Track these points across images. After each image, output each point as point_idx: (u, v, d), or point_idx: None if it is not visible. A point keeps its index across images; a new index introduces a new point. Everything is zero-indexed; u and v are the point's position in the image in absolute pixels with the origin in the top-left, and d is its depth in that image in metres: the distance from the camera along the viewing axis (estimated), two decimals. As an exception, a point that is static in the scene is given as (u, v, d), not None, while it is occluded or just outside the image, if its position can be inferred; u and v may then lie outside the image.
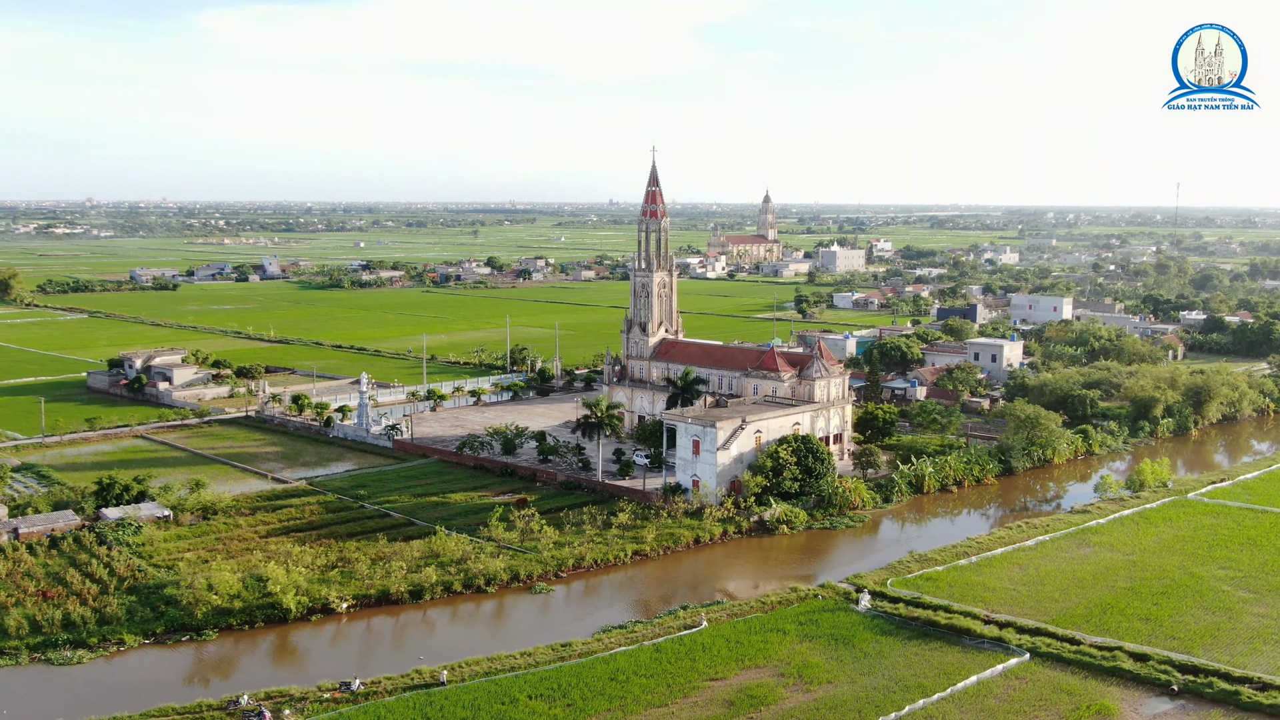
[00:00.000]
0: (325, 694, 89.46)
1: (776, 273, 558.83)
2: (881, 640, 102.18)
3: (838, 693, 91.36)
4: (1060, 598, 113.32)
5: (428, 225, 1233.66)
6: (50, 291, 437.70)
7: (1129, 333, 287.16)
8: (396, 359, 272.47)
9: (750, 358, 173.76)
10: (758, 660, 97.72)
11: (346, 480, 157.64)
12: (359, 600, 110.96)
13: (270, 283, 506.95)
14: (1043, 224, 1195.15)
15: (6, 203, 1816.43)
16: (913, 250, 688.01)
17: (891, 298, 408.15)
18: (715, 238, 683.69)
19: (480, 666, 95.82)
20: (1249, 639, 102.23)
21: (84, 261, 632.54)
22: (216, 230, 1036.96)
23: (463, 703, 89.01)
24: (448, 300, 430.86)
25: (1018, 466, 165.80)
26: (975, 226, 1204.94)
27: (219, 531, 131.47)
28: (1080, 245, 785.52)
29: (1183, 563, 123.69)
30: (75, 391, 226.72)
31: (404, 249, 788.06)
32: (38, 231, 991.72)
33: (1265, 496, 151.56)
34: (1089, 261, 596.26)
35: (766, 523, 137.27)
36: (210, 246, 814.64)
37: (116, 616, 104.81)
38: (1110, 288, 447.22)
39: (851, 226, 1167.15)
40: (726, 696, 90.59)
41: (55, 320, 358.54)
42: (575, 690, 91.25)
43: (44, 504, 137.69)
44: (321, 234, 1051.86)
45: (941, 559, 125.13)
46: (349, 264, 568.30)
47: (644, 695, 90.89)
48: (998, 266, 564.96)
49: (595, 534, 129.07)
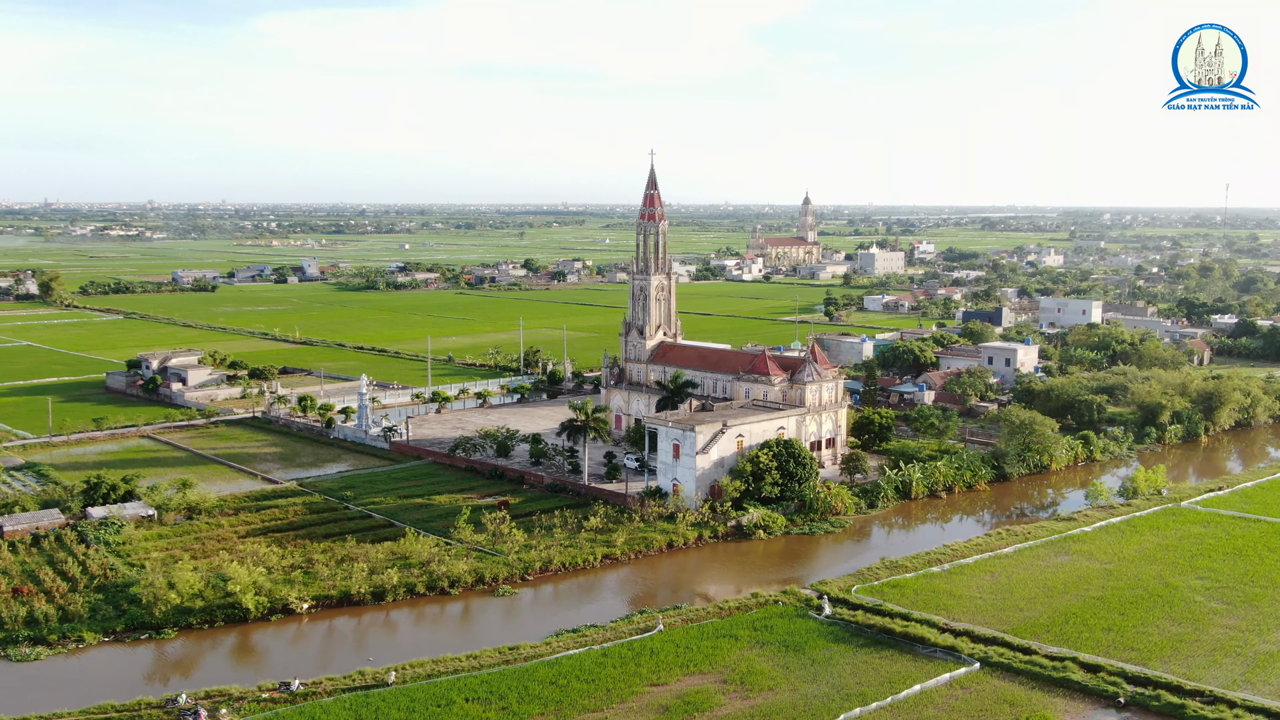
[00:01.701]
0: (264, 694, 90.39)
1: (813, 275, 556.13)
2: (833, 648, 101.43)
3: (777, 700, 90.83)
4: (1026, 606, 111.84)
5: (476, 227, 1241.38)
6: (92, 293, 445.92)
7: (1158, 336, 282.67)
8: (416, 360, 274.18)
9: (743, 362, 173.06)
10: (703, 666, 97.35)
11: (337, 481, 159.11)
12: (320, 601, 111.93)
13: (308, 284, 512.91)
14: (1096, 226, 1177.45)
15: (71, 204, 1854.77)
16: (955, 252, 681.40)
17: (923, 300, 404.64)
18: (754, 240, 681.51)
19: (425, 668, 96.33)
20: (1211, 651, 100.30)
21: (132, 264, 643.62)
22: (267, 232, 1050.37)
23: (399, 705, 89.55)
24: (479, 302, 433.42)
25: (1012, 472, 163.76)
26: (1027, 228, 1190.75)
27: (200, 531, 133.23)
28: (1130, 247, 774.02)
29: (1160, 572, 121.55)
30: (93, 392, 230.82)
31: (447, 251, 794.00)
32: (94, 234, 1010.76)
33: (1261, 505, 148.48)
34: (1135, 264, 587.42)
35: (743, 527, 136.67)
36: (258, 248, 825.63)
37: (79, 614, 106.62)
38: (1149, 290, 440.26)
39: (900, 228, 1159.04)
40: (664, 703, 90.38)
41: (90, 321, 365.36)
42: (514, 694, 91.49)
43: (32, 502, 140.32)
44: (369, 236, 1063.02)
45: (913, 566, 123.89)
46: (387, 266, 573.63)
47: (581, 700, 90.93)
48: (1038, 269, 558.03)
49: (565, 537, 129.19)
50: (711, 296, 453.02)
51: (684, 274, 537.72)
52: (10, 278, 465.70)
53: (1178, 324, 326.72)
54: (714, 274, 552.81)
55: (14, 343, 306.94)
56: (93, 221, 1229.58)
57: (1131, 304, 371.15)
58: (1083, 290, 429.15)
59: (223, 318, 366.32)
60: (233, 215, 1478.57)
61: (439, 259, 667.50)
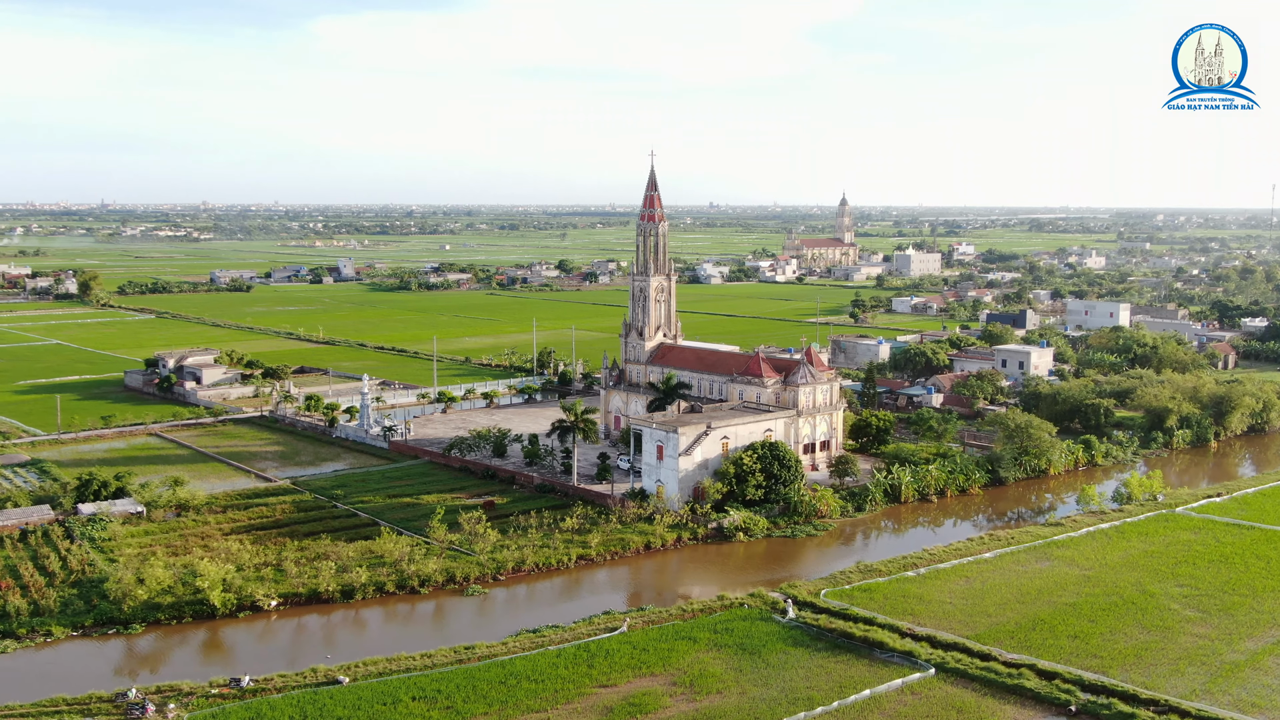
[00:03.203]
0: (213, 690, 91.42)
1: (848, 276, 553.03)
2: (791, 651, 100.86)
3: (723, 703, 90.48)
4: (995, 612, 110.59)
5: (520, 228, 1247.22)
6: (129, 292, 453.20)
7: (1187, 339, 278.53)
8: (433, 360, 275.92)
9: (738, 364, 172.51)
10: (656, 669, 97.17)
11: (331, 480, 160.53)
12: (288, 599, 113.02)
13: (342, 285, 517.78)
14: (1147, 227, 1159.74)
15: (127, 205, 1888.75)
16: (994, 254, 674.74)
17: (952, 303, 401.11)
18: (789, 241, 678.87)
19: (378, 666, 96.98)
20: (1175, 660, 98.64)
21: (176, 264, 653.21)
22: (312, 233, 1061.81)
23: (345, 702, 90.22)
24: (508, 303, 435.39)
25: (1008, 476, 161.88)
26: (1076, 229, 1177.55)
27: (186, 528, 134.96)
28: (1176, 249, 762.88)
29: (1140, 579, 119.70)
30: (111, 390, 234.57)
31: (487, 252, 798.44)
32: (143, 234, 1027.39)
33: (1258, 512, 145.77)
34: (1176, 266, 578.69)
35: (724, 530, 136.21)
36: (301, 249, 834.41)
37: (49, 609, 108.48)
38: (1187, 293, 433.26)
39: (945, 229, 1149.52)
40: (609, 704, 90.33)
41: (123, 320, 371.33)
42: (460, 693, 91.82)
43: (25, 498, 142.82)
44: (412, 236, 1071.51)
45: (887, 570, 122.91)
46: (422, 266, 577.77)
47: (527, 700, 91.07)
48: (1077, 271, 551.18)
49: (540, 538, 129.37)
50: (740, 298, 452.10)
51: (717, 275, 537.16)
52: (51, 277, 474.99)
53: (1208, 327, 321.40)
54: (747, 275, 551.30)
55: (44, 341, 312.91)
56: (145, 222, 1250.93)
57: (1162, 306, 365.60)
58: (1118, 293, 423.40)
59: (251, 317, 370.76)
60: (282, 216, 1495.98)
61: (476, 260, 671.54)
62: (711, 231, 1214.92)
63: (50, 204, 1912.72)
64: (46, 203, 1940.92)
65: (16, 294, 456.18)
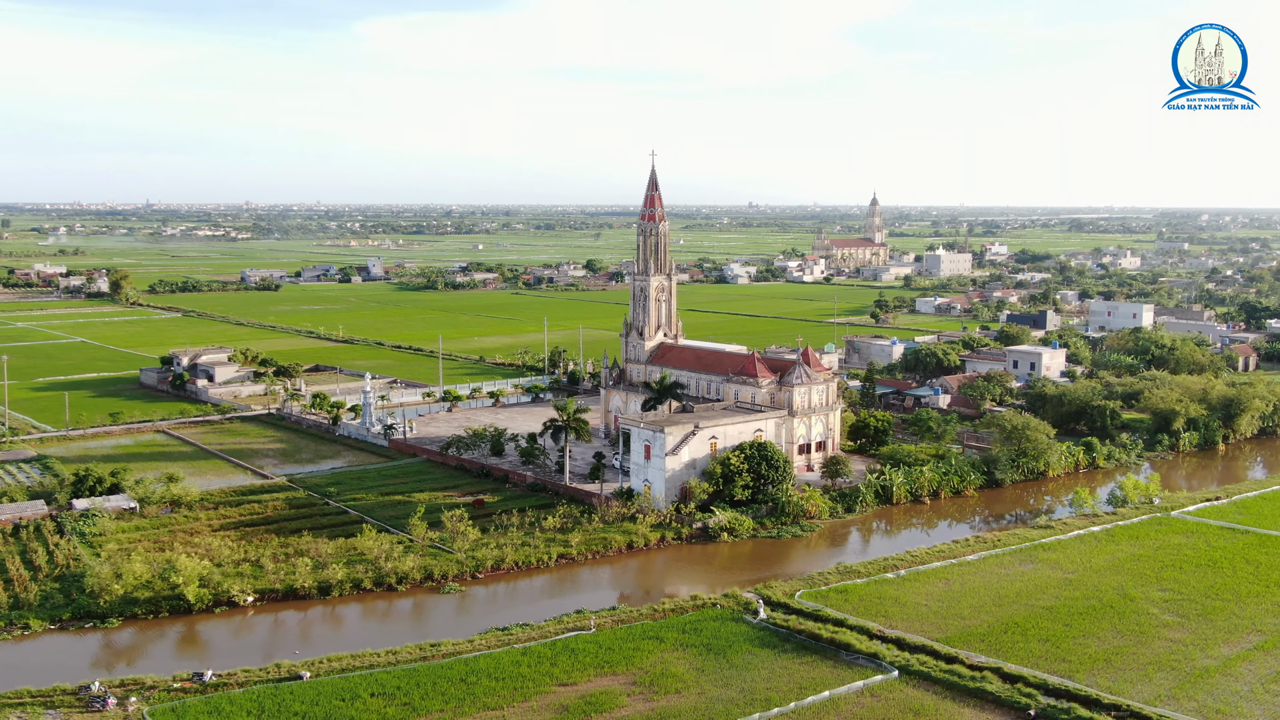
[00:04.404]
0: (175, 684, 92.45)
1: (876, 276, 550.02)
2: (757, 652, 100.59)
3: (680, 703, 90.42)
4: (970, 615, 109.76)
5: (555, 228, 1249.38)
6: (160, 291, 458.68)
7: (1210, 341, 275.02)
8: (448, 359, 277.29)
9: (735, 364, 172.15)
10: (618, 668, 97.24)
11: (327, 478, 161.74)
12: (265, 595, 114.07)
13: (371, 284, 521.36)
14: (1190, 227, 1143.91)
15: (171, 205, 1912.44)
16: (1027, 254, 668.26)
17: (976, 303, 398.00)
18: (819, 241, 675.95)
19: (342, 663, 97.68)
20: (1145, 665, 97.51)
21: (211, 263, 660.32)
22: (349, 233, 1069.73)
23: (305, 698, 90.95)
24: (532, 302, 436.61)
25: (1004, 478, 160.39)
26: (1118, 230, 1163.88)
27: (176, 524, 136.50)
28: (1215, 249, 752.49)
29: (1122, 583, 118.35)
30: (127, 387, 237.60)
31: (519, 251, 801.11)
32: (182, 234, 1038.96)
33: (1255, 516, 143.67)
34: (1212, 266, 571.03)
35: (709, 530, 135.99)
36: (336, 249, 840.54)
37: (29, 602, 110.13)
38: (1219, 294, 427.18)
39: (983, 229, 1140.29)
40: (566, 703, 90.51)
41: (149, 319, 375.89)
42: (419, 690, 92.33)
43: (21, 494, 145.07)
44: (448, 236, 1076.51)
45: (867, 572, 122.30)
46: (450, 266, 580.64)
47: (485, 697, 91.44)
48: (1109, 271, 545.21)
49: (520, 537, 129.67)
50: (765, 298, 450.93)
51: (744, 275, 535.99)
52: (84, 276, 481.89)
53: (1234, 328, 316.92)
54: (774, 275, 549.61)
55: (69, 339, 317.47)
56: (187, 222, 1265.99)
57: (1188, 308, 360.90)
58: (1147, 294, 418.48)
59: (275, 316, 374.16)
60: (322, 216, 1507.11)
61: (508, 259, 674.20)
62: (748, 231, 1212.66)
63: (96, 204, 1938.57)
64: (92, 203, 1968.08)
65: (50, 293, 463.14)
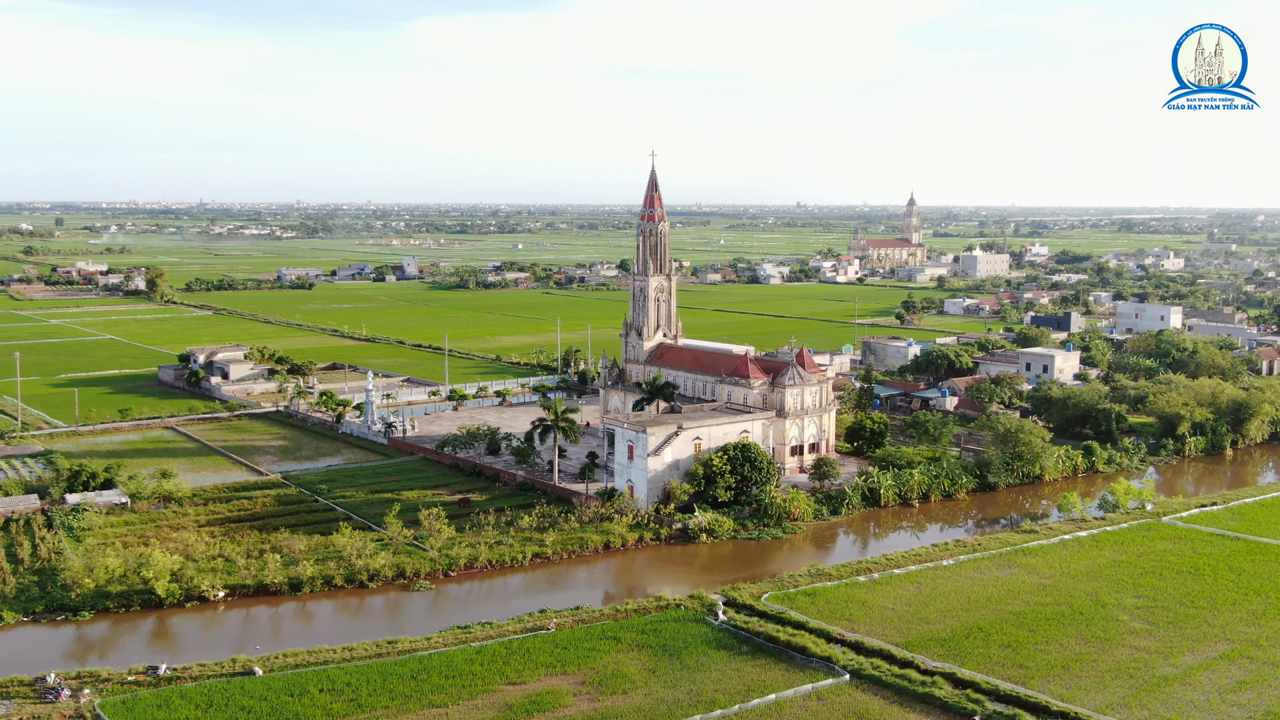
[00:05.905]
0: (130, 677, 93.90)
1: (911, 277, 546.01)
2: (712, 654, 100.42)
3: (625, 703, 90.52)
4: (935, 619, 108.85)
5: (599, 228, 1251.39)
6: (195, 289, 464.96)
7: (1238, 344, 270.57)
8: (467, 358, 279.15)
9: (730, 364, 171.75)
10: (570, 668, 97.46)
11: (321, 475, 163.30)
12: (235, 590, 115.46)
13: (405, 283, 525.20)
14: (1243, 228, 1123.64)
15: (223, 204, 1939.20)
16: (1067, 255, 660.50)
17: (1006, 305, 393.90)
18: (855, 241, 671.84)
19: (297, 658, 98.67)
20: (1103, 673, 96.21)
21: (252, 260, 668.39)
22: (392, 232, 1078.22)
23: (254, 693, 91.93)
24: (561, 301, 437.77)
25: (997, 482, 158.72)
26: (1169, 231, 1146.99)
27: (164, 519, 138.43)
28: (1264, 250, 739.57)
29: (1097, 589, 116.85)
30: (145, 384, 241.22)
31: (558, 250, 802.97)
32: (229, 233, 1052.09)
33: (1248, 523, 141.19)
34: (1255, 267, 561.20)
35: (689, 530, 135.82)
36: (379, 247, 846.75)
37: (5, 594, 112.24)
38: (1257, 296, 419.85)
39: (1030, 230, 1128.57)
40: (511, 701, 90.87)
41: (180, 316, 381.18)
42: (369, 687, 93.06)
43: (17, 488, 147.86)
44: (490, 235, 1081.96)
45: (838, 575, 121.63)
46: (485, 265, 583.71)
47: (432, 695, 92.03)
48: (1149, 273, 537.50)
49: (495, 535, 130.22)
50: (795, 298, 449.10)
51: (776, 275, 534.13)
52: (123, 274, 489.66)
53: (1264, 331, 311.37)
54: (808, 275, 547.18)
55: (98, 336, 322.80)
56: (236, 220, 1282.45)
57: (1220, 310, 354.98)
58: (1183, 295, 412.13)
59: (304, 315, 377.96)
60: (369, 215, 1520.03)
61: (545, 258, 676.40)
62: (791, 231, 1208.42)
63: (151, 203, 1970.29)
64: (147, 202, 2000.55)
65: (89, 290, 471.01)
